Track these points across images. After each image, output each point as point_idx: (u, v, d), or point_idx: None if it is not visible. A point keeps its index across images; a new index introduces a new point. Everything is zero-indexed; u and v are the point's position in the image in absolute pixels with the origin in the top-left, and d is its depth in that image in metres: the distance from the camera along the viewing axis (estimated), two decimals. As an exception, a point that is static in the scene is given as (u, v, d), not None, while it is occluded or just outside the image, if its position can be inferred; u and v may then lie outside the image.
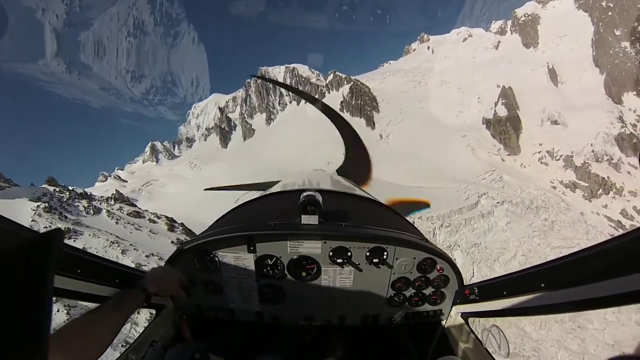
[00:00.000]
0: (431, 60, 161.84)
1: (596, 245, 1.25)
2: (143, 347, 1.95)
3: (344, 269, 2.27)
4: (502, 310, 1.87)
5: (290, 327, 2.60)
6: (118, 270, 1.88)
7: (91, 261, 1.71)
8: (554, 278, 1.47)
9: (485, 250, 53.94)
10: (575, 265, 1.35)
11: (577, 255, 1.33)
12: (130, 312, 1.65)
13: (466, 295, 2.26)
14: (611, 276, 1.14)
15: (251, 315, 2.47)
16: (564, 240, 54.66)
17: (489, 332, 1.93)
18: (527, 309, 1.66)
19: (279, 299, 2.38)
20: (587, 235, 57.48)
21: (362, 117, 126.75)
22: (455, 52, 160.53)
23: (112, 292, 1.78)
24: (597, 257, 1.25)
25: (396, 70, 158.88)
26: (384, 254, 2.21)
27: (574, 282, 1.34)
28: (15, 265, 0.68)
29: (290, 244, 2.20)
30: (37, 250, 0.74)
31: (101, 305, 1.58)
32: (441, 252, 2.30)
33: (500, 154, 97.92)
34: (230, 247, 2.23)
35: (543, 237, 55.80)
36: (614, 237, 1.17)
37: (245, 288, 2.36)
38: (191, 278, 2.31)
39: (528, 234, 56.39)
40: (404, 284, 2.35)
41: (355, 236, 2.20)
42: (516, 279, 1.77)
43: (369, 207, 3.22)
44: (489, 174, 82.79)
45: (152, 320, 2.25)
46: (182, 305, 2.43)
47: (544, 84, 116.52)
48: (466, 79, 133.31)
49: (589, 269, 1.27)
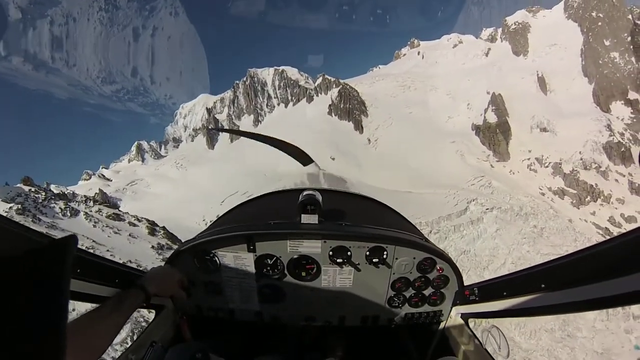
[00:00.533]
0: (421, 66, 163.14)
1: (596, 245, 1.24)
2: (143, 347, 1.94)
3: (343, 269, 2.28)
4: (502, 311, 1.87)
5: (290, 327, 2.67)
6: (118, 270, 1.88)
7: (91, 261, 1.71)
8: (554, 278, 1.47)
9: (474, 257, 53.78)
10: (576, 266, 1.35)
11: (578, 256, 1.33)
12: (130, 313, 1.66)
13: (466, 295, 2.25)
14: (612, 276, 1.14)
15: (251, 315, 2.48)
16: (553, 247, 54.80)
17: (488, 333, 1.95)
18: (528, 309, 1.66)
19: (278, 299, 2.39)
20: (575, 242, 57.93)
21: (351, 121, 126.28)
22: (446, 58, 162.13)
23: (111, 292, 1.79)
24: (598, 257, 1.24)
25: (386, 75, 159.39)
26: (383, 254, 2.22)
27: (574, 282, 1.33)
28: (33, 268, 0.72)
29: (290, 243, 2.21)
30: (55, 253, 0.78)
31: (101, 305, 1.58)
32: (441, 252, 2.30)
33: (489, 160, 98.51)
34: (230, 247, 2.24)
35: (532, 244, 56.29)
36: (614, 236, 1.17)
37: (245, 288, 2.37)
38: (191, 278, 2.31)
39: (517, 240, 56.75)
40: (404, 285, 2.35)
41: (355, 236, 2.21)
42: (516, 280, 1.77)
43: (369, 207, 3.15)
44: (478, 180, 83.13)
45: (152, 321, 2.26)
46: (181, 306, 2.42)
47: (533, 92, 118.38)
48: (456, 85, 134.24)
49: (590, 269, 1.27)
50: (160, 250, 40.85)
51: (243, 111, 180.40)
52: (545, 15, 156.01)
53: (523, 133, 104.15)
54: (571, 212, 79.10)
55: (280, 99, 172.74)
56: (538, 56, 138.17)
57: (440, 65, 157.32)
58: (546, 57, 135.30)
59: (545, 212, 67.15)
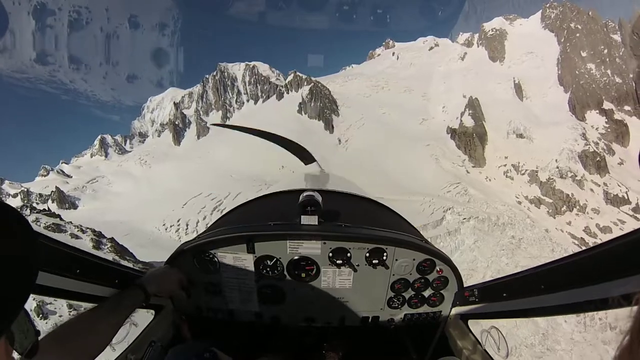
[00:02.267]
0: (396, 67, 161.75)
1: (596, 247, 1.26)
2: (142, 347, 2.01)
3: (343, 270, 2.31)
4: (501, 312, 1.92)
5: (289, 328, 2.66)
6: (118, 270, 1.93)
7: (90, 261, 1.75)
8: (553, 280, 1.49)
9: (453, 272, 51.60)
10: (575, 267, 1.37)
11: (577, 257, 1.35)
12: (129, 312, 1.72)
13: (466, 297, 2.30)
14: (611, 278, 1.15)
15: (251, 316, 2.51)
16: (531, 259, 54.06)
17: (488, 334, 2.01)
18: (527, 310, 1.69)
19: (278, 300, 2.42)
20: (552, 253, 57.84)
21: (321, 120, 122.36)
22: (421, 59, 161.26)
23: (111, 292, 1.82)
24: (598, 258, 1.26)
25: (359, 74, 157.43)
26: (383, 255, 2.26)
27: (573, 283, 1.35)
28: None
29: (289, 244, 2.25)
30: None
31: (100, 304, 1.63)
32: (441, 253, 2.35)
33: (465, 166, 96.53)
34: (230, 248, 2.28)
35: (511, 255, 55.67)
36: (614, 238, 1.18)
37: (245, 289, 2.40)
38: (191, 278, 2.33)
39: (496, 252, 55.80)
40: (404, 286, 2.39)
41: (355, 237, 2.25)
42: (516, 281, 1.80)
43: (369, 208, 3.19)
44: (454, 187, 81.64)
45: (151, 321, 2.31)
46: (181, 306, 2.47)
47: (509, 98, 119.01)
48: (431, 87, 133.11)
49: (589, 271, 1.28)
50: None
51: (212, 107, 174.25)
52: (522, 23, 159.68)
53: (499, 139, 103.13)
54: (547, 222, 79.13)
55: (250, 95, 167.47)
56: (514, 63, 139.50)
57: (416, 67, 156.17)
58: (522, 65, 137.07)
59: (523, 222, 67.09)
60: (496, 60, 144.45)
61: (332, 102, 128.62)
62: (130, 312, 1.70)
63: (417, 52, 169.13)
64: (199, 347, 1.66)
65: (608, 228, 78.93)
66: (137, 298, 1.78)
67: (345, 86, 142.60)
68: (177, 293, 2.16)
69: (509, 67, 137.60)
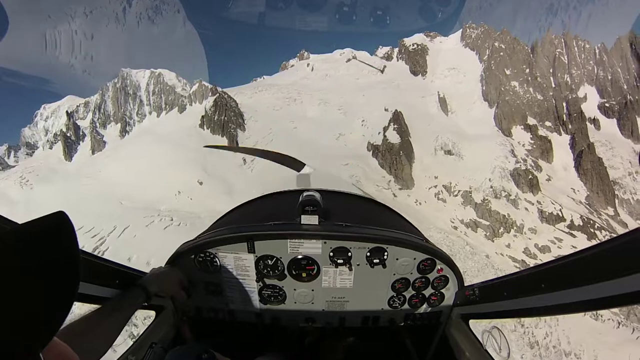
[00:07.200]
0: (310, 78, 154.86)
1: (596, 246, 1.31)
2: (142, 348, 2.07)
3: (344, 270, 2.44)
4: (502, 311, 1.98)
5: (290, 328, 2.81)
6: (118, 271, 2.01)
7: (91, 261, 1.81)
8: (554, 279, 1.53)
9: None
10: (576, 266, 1.42)
11: (578, 256, 1.39)
12: (130, 313, 1.80)
13: (466, 296, 2.40)
14: (611, 277, 1.19)
15: (251, 316, 2.66)
16: None
17: (489, 334, 2.08)
18: (528, 310, 1.75)
19: (279, 300, 2.55)
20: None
21: (225, 135, 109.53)
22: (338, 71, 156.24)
23: (112, 292, 1.90)
24: (598, 257, 1.31)
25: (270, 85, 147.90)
26: (384, 255, 2.38)
27: (574, 282, 1.39)
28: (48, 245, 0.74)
29: (290, 244, 2.37)
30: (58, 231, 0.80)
31: (102, 305, 1.70)
32: (441, 252, 2.47)
33: (391, 188, 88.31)
34: (230, 248, 2.40)
35: None
36: (614, 237, 1.22)
37: (245, 289, 2.54)
38: (191, 279, 2.48)
39: None
40: (404, 285, 2.52)
41: (355, 236, 2.36)
42: (517, 280, 1.87)
43: (369, 207, 3.40)
44: (380, 215, 73.55)
45: (152, 322, 2.44)
46: (182, 306, 2.59)
47: (434, 112, 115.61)
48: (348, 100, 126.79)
49: (590, 270, 1.33)
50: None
51: (110, 118, 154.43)
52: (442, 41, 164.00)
53: (427, 156, 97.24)
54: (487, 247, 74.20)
55: (154, 107, 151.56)
56: (437, 78, 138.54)
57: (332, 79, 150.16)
58: (445, 80, 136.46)
59: (463, 250, 59.23)
60: (418, 74, 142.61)
61: (238, 115, 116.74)
62: (132, 313, 1.78)
63: (334, 64, 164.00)
64: (197, 349, 1.70)
65: (547, 247, 75.95)
66: (139, 299, 1.87)
67: (254, 97, 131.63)
68: (178, 293, 2.26)
69: (432, 82, 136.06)
